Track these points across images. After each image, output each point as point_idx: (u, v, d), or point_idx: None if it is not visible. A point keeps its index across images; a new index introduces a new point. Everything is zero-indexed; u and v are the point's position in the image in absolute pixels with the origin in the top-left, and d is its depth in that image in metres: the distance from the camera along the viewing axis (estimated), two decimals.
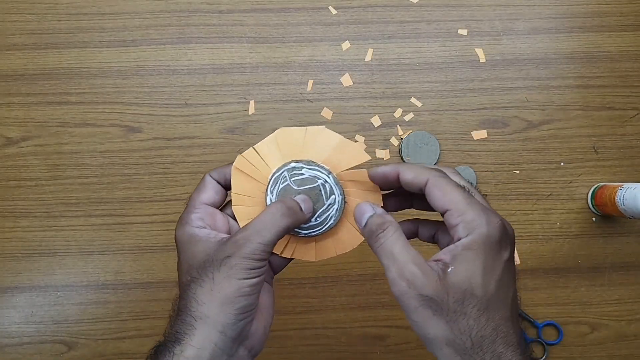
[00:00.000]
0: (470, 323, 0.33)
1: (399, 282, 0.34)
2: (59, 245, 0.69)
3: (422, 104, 0.71)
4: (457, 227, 0.35)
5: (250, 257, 0.36)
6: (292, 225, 0.38)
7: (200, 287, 0.37)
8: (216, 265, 0.37)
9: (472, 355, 0.33)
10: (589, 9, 0.72)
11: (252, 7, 0.71)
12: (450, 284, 0.34)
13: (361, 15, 0.72)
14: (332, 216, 0.41)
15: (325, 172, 0.41)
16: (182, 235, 0.40)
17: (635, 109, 0.71)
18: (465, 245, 0.34)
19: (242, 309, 0.37)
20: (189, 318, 0.37)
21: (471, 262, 0.34)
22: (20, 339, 0.68)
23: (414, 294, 0.34)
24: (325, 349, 0.69)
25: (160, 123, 0.70)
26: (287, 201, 0.39)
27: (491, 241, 0.34)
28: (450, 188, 0.36)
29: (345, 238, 0.42)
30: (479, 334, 0.33)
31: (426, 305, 0.34)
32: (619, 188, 0.63)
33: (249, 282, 0.36)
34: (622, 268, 0.70)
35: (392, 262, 0.35)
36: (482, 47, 0.71)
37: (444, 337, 0.34)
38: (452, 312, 0.33)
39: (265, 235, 0.37)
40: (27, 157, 0.70)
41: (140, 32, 0.71)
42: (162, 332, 0.71)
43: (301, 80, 0.71)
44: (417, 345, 0.69)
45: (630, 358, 0.69)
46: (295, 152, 0.41)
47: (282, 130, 0.41)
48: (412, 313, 0.34)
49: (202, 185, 0.42)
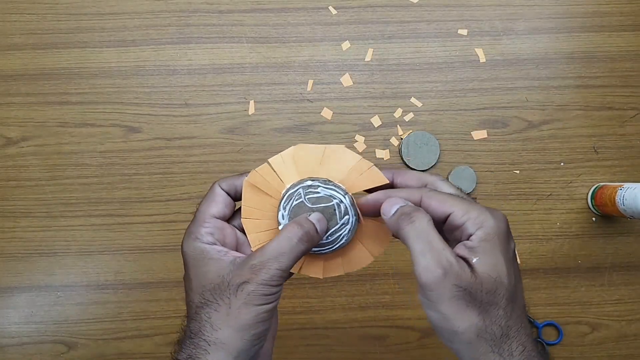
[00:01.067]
0: (500, 313, 0.33)
1: (434, 270, 0.33)
2: (59, 245, 0.69)
3: (422, 104, 0.71)
4: (465, 225, 0.35)
5: (268, 284, 0.36)
6: (308, 249, 0.38)
7: (215, 312, 0.36)
8: (232, 290, 0.36)
9: (501, 345, 0.33)
10: (589, 9, 0.72)
11: (252, 7, 0.71)
12: (480, 274, 0.33)
13: (361, 15, 0.72)
14: (344, 236, 0.40)
15: (342, 192, 0.40)
16: (192, 250, 0.38)
17: (635, 109, 0.71)
18: (480, 238, 0.34)
19: (258, 335, 0.36)
20: (203, 343, 0.36)
21: (492, 253, 0.34)
22: (20, 339, 0.68)
23: (450, 284, 0.33)
24: (325, 349, 0.69)
25: (160, 123, 0.70)
26: (304, 224, 0.38)
27: (501, 232, 0.35)
28: (445, 196, 0.36)
29: (355, 257, 0.42)
30: (507, 323, 0.33)
31: (460, 297, 0.33)
32: (619, 188, 0.63)
33: (265, 308, 0.36)
34: (622, 268, 0.70)
35: (429, 247, 0.33)
36: (482, 47, 0.71)
37: (475, 328, 0.33)
38: (484, 303, 0.33)
39: (283, 262, 0.36)
40: (27, 157, 0.70)
41: (140, 32, 0.71)
42: (162, 332, 0.71)
43: (301, 80, 0.71)
44: (417, 345, 0.69)
45: (630, 358, 0.69)
46: (311, 170, 0.40)
47: (300, 147, 0.40)
48: (443, 304, 0.33)
49: (212, 196, 0.40)
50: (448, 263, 0.33)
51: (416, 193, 0.37)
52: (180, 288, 0.69)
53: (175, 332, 0.39)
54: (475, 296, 0.33)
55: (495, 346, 0.33)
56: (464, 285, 0.33)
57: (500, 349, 0.33)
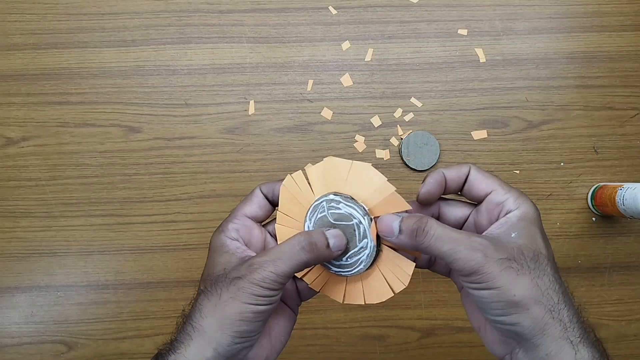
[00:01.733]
0: (551, 279, 0.34)
1: (473, 256, 0.34)
2: (59, 245, 0.69)
3: (422, 104, 0.71)
4: (507, 202, 0.36)
5: (259, 284, 0.35)
6: (311, 261, 0.37)
7: (207, 300, 0.37)
8: (226, 282, 0.36)
9: (560, 310, 0.34)
10: (589, 9, 0.72)
11: (252, 7, 0.71)
12: (520, 245, 0.35)
13: (361, 15, 0.72)
14: (362, 261, 0.39)
15: (362, 212, 0.38)
16: (215, 241, 0.40)
17: (635, 109, 0.71)
18: (519, 217, 0.36)
19: (240, 334, 0.36)
20: (189, 328, 0.36)
21: (529, 229, 0.35)
22: (20, 339, 0.68)
23: (494, 260, 0.33)
24: (325, 349, 0.69)
25: (160, 123, 0.70)
26: (314, 235, 0.37)
27: (538, 215, 0.37)
28: (489, 175, 0.38)
29: (375, 289, 0.40)
30: (560, 289, 0.34)
31: (508, 267, 0.34)
32: (619, 188, 0.63)
33: (253, 309, 0.36)
34: (622, 268, 0.70)
35: (457, 242, 0.34)
36: (482, 47, 0.71)
37: (532, 295, 0.33)
38: (533, 270, 0.34)
39: (279, 266, 0.36)
40: (27, 157, 0.70)
41: (140, 32, 0.71)
42: (162, 332, 0.71)
43: (301, 80, 0.71)
44: (417, 345, 0.69)
45: (630, 358, 0.69)
46: (338, 184, 0.39)
47: (329, 159, 0.40)
48: (495, 279, 0.33)
49: (250, 197, 0.41)
50: (482, 245, 0.34)
51: (464, 168, 0.38)
52: (180, 288, 0.69)
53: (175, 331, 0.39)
54: (522, 264, 0.34)
55: (554, 312, 0.34)
56: (508, 256, 0.34)
57: (560, 314, 0.34)
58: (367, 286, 0.40)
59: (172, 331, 0.38)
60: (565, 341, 0.33)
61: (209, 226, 0.69)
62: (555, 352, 0.33)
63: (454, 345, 0.69)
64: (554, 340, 0.33)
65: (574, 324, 0.34)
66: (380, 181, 0.39)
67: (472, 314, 0.39)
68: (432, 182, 0.38)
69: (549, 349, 0.33)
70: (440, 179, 0.38)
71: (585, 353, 0.33)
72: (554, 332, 0.33)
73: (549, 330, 0.33)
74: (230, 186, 0.70)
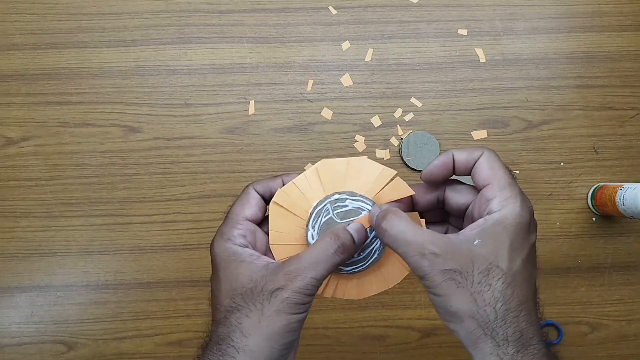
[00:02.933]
0: (496, 295, 0.34)
1: (421, 263, 0.34)
2: (59, 245, 0.69)
3: (422, 104, 0.71)
4: (492, 201, 0.35)
5: (302, 292, 0.35)
6: (344, 261, 0.37)
7: (246, 317, 0.35)
8: (266, 296, 0.35)
9: (495, 328, 0.33)
10: (589, 9, 0.72)
11: (252, 7, 0.71)
12: (476, 255, 0.34)
13: (361, 15, 0.72)
14: (376, 249, 0.39)
15: (370, 202, 0.39)
16: (223, 251, 0.38)
17: (635, 109, 0.71)
18: (495, 220, 0.35)
19: (287, 345, 0.36)
20: (231, 349, 0.35)
21: (499, 236, 0.35)
22: (20, 339, 0.68)
23: (438, 270, 0.34)
24: (325, 349, 0.69)
25: (160, 123, 0.70)
26: (341, 235, 0.37)
27: (522, 221, 0.35)
28: (498, 165, 0.37)
29: (389, 273, 0.40)
30: (504, 306, 0.34)
31: (450, 278, 0.34)
32: (619, 188, 0.63)
33: (298, 317, 0.35)
34: (622, 268, 0.70)
35: (409, 247, 0.35)
36: (482, 47, 0.71)
37: (467, 309, 0.34)
38: (476, 284, 0.34)
39: (319, 270, 0.36)
40: (27, 157, 0.70)
41: (140, 32, 0.71)
42: (161, 332, 0.71)
43: (301, 80, 0.71)
44: (417, 345, 0.69)
45: (630, 358, 0.69)
46: (337, 185, 0.40)
47: (323, 162, 0.40)
48: (436, 288, 0.34)
49: (245, 198, 0.40)
50: (431, 254, 0.34)
51: (476, 152, 0.38)
52: (180, 288, 0.69)
53: (175, 331, 0.39)
54: (467, 276, 0.34)
55: (487, 329, 0.34)
56: (453, 267, 0.34)
57: (494, 332, 0.33)
58: (379, 274, 0.40)
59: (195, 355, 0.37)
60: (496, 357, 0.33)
61: (209, 226, 0.69)
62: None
63: (454, 345, 0.69)
64: (485, 355, 0.34)
65: (508, 343, 0.33)
66: (379, 169, 0.39)
67: None
68: (437, 163, 0.38)
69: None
70: (447, 161, 0.38)
71: None
72: (485, 347, 0.34)
73: (480, 345, 0.34)
74: (230, 186, 0.70)
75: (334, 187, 0.40)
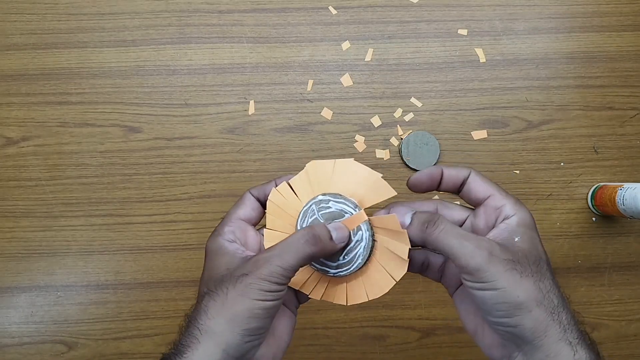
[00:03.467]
0: (551, 283, 0.35)
1: (480, 253, 0.34)
2: (59, 245, 0.69)
3: (422, 104, 0.71)
4: (505, 207, 0.37)
5: (267, 279, 0.35)
6: (317, 253, 0.37)
7: (212, 301, 0.36)
8: (232, 281, 0.36)
9: (559, 313, 0.34)
10: (589, 9, 0.72)
11: (252, 7, 0.71)
12: (522, 249, 0.36)
13: (361, 15, 0.72)
14: (359, 254, 0.39)
15: (352, 205, 0.39)
16: (212, 245, 0.40)
17: (635, 109, 0.71)
18: (518, 222, 0.37)
19: (250, 331, 0.36)
20: (196, 331, 0.36)
21: (530, 234, 0.36)
22: (20, 339, 0.68)
23: (499, 259, 0.34)
24: (325, 349, 0.69)
25: (160, 123, 0.70)
26: (317, 228, 0.38)
27: (533, 222, 0.37)
28: (489, 181, 0.39)
29: (376, 280, 0.40)
30: (559, 293, 0.35)
31: (512, 269, 0.34)
32: (619, 188, 0.63)
33: (262, 305, 0.35)
34: (622, 268, 0.70)
35: (465, 238, 0.35)
36: (482, 47, 0.71)
37: (534, 297, 0.34)
38: (535, 273, 0.35)
39: (286, 259, 0.36)
40: (27, 157, 0.70)
41: (140, 32, 0.71)
42: (161, 332, 0.71)
43: (301, 80, 0.71)
44: (417, 345, 0.69)
45: (630, 358, 0.69)
46: (324, 185, 0.40)
47: (312, 163, 0.40)
48: (500, 278, 0.34)
49: (241, 201, 0.42)
50: (489, 244, 0.35)
51: (464, 171, 0.39)
52: (180, 288, 0.69)
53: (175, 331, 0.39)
54: (525, 267, 0.35)
55: (554, 314, 0.34)
56: (513, 258, 0.35)
57: (560, 316, 0.34)
58: (367, 281, 0.40)
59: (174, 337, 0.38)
60: (565, 342, 0.34)
61: (209, 226, 0.69)
62: (555, 354, 0.34)
63: (454, 345, 0.69)
64: (554, 342, 0.34)
65: (572, 326, 0.34)
66: (364, 172, 0.39)
67: (467, 317, 0.40)
68: (425, 172, 0.39)
69: (549, 351, 0.34)
70: (435, 173, 0.39)
71: (583, 354, 0.34)
72: (554, 334, 0.34)
73: (549, 332, 0.34)
74: (230, 186, 0.70)
75: (321, 188, 0.40)
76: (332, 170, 0.40)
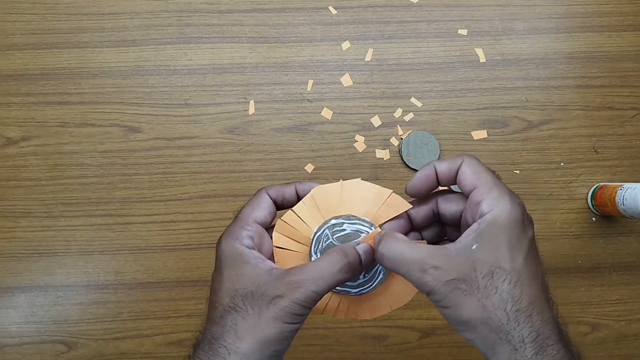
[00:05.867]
0: (504, 297, 0.33)
1: (424, 279, 0.34)
2: (59, 245, 0.69)
3: (422, 104, 0.71)
4: (482, 203, 0.35)
5: (300, 304, 0.35)
6: (347, 280, 0.37)
7: (242, 320, 0.35)
8: (265, 301, 0.35)
9: (509, 331, 0.33)
10: (589, 9, 0.72)
11: (252, 7, 0.71)
12: (477, 260, 0.34)
13: (361, 15, 0.72)
14: (380, 269, 0.39)
15: (367, 224, 0.39)
16: (230, 250, 0.38)
17: (635, 109, 0.71)
18: (489, 221, 0.34)
19: (277, 352, 0.36)
20: (222, 350, 0.35)
21: (496, 237, 0.34)
22: (20, 339, 0.68)
23: (442, 282, 0.34)
24: (325, 349, 0.69)
25: (160, 123, 0.70)
26: (349, 254, 0.37)
27: (515, 217, 0.35)
28: (481, 169, 0.37)
29: (397, 291, 0.40)
30: (514, 307, 0.33)
31: (455, 288, 0.34)
32: (619, 188, 0.63)
33: (292, 327, 0.35)
34: (622, 268, 0.70)
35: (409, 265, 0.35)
36: (482, 47, 0.71)
37: (478, 316, 0.33)
38: (482, 289, 0.33)
39: (320, 285, 0.36)
40: (27, 157, 0.70)
41: (140, 32, 0.71)
42: (162, 332, 0.71)
43: (301, 80, 0.71)
44: (417, 345, 0.69)
45: (630, 358, 0.69)
46: (333, 209, 0.40)
47: (318, 189, 0.40)
48: (444, 300, 0.34)
49: (257, 201, 0.40)
50: (432, 267, 0.34)
51: (457, 159, 0.37)
52: (180, 288, 0.69)
53: (175, 331, 0.39)
54: (472, 283, 0.33)
55: (502, 333, 0.33)
56: (457, 276, 0.34)
57: (509, 335, 0.33)
58: (389, 293, 0.40)
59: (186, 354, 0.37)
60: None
61: (209, 226, 0.69)
62: None
63: (454, 345, 0.69)
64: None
65: (525, 345, 0.33)
66: (374, 189, 0.39)
67: None
68: (420, 176, 0.38)
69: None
70: (430, 173, 0.38)
71: None
72: (502, 352, 0.33)
73: (497, 350, 0.34)
74: (230, 186, 0.70)
75: (330, 212, 0.40)
76: (340, 193, 0.39)
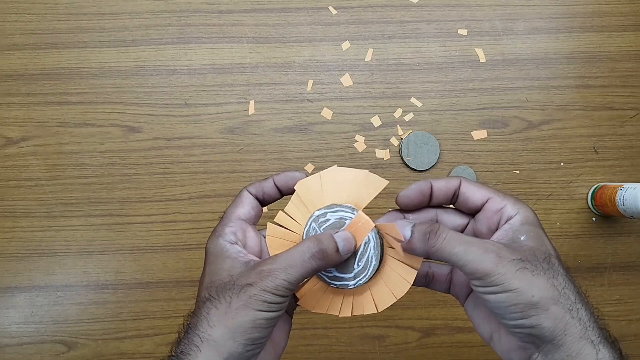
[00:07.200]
0: (565, 279, 0.34)
1: (487, 256, 0.33)
2: (59, 245, 0.69)
3: (422, 104, 0.71)
4: (505, 208, 0.36)
5: (271, 292, 0.35)
6: (321, 267, 0.37)
7: (215, 308, 0.36)
8: (236, 290, 0.36)
9: (578, 310, 0.33)
10: (589, 9, 0.72)
11: (252, 7, 0.71)
12: (530, 247, 0.35)
13: (361, 15, 0.72)
14: (372, 255, 0.39)
15: (349, 209, 0.39)
16: (214, 247, 0.39)
17: (635, 109, 0.71)
18: (522, 221, 0.36)
19: (252, 340, 0.35)
20: (196, 338, 0.35)
21: (535, 231, 0.36)
22: (20, 339, 0.68)
23: (508, 260, 0.33)
24: (325, 349, 0.69)
25: (160, 123, 0.70)
26: (323, 241, 0.37)
27: (536, 219, 0.37)
28: (481, 184, 0.38)
29: (396, 276, 0.39)
30: (575, 288, 0.34)
31: (523, 268, 0.33)
32: (619, 188, 0.63)
33: (265, 315, 0.35)
34: (622, 268, 0.70)
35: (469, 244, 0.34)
36: (482, 47, 0.71)
37: (549, 295, 0.33)
38: (547, 270, 0.34)
39: (291, 273, 0.35)
40: (27, 157, 0.70)
41: (140, 32, 0.71)
42: (161, 332, 0.71)
43: (301, 80, 0.71)
44: (417, 345, 0.69)
45: (631, 358, 0.69)
46: (318, 201, 0.39)
47: (300, 183, 0.40)
48: (511, 281, 0.33)
49: (239, 200, 0.41)
50: (496, 246, 0.34)
51: (454, 180, 0.38)
52: (180, 288, 0.69)
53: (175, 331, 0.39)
54: (536, 265, 0.34)
55: (573, 311, 0.33)
56: (522, 257, 0.34)
57: (578, 313, 0.33)
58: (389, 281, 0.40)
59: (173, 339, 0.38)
60: (586, 341, 0.33)
61: (209, 226, 0.69)
62: (577, 353, 0.33)
63: (454, 345, 0.69)
64: (574, 341, 0.33)
65: (592, 323, 0.33)
66: (349, 174, 0.39)
67: (481, 324, 0.39)
68: (414, 188, 0.38)
69: (570, 350, 0.33)
70: (424, 188, 0.38)
71: (606, 353, 0.33)
72: (574, 332, 0.33)
73: (569, 330, 0.33)
74: (230, 186, 0.70)
75: (316, 205, 0.40)
76: (320, 184, 0.40)
